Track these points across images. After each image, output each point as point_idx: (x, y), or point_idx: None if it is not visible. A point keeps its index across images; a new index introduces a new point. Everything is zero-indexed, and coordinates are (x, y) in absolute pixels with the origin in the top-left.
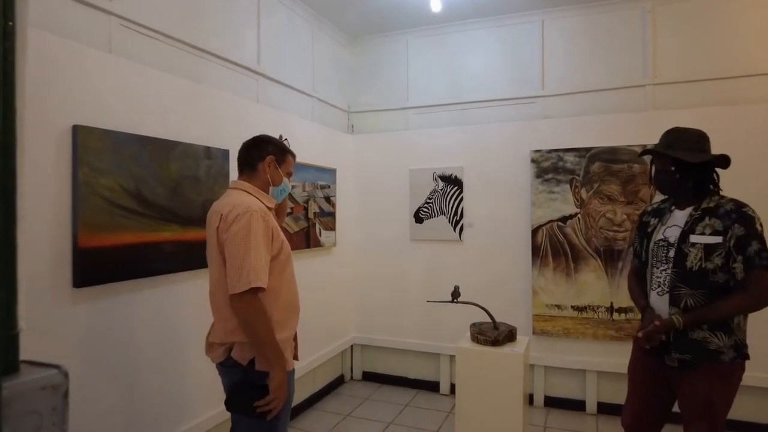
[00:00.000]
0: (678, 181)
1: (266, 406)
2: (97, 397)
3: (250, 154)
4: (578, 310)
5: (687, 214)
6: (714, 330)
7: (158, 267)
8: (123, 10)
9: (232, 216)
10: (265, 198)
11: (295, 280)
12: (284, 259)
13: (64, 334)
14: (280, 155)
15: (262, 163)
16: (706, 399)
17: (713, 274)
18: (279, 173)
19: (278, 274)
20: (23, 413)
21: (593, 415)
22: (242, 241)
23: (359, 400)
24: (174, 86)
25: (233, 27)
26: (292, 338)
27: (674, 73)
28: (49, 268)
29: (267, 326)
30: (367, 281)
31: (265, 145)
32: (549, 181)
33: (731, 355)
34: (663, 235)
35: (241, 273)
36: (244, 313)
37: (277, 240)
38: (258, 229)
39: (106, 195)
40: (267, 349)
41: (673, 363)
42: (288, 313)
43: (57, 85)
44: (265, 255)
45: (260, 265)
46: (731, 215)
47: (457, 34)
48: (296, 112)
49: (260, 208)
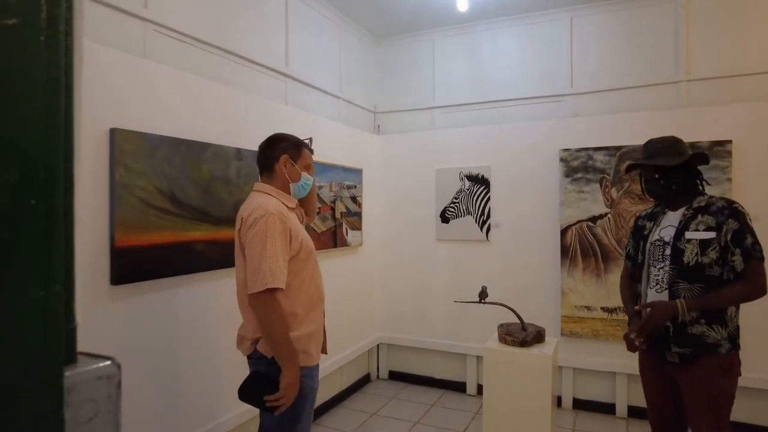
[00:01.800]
0: (664, 186)
1: (275, 401)
2: (134, 389)
3: (266, 155)
4: (608, 312)
5: (680, 214)
6: (711, 324)
7: (191, 265)
8: (157, 16)
9: (250, 219)
10: (286, 198)
11: (318, 275)
12: (304, 257)
13: (103, 330)
14: (294, 151)
15: (278, 163)
16: (707, 392)
17: (709, 267)
18: (296, 169)
19: (298, 272)
20: (82, 400)
21: (624, 418)
22: (259, 243)
23: (385, 399)
24: (205, 89)
25: (262, 30)
26: (319, 332)
27: (709, 69)
28: (89, 267)
29: (281, 325)
30: (394, 281)
31: (278, 144)
32: (578, 180)
33: (727, 347)
34: (659, 236)
35: (258, 274)
36: (260, 312)
37: (296, 240)
38: (275, 231)
39: (141, 196)
40: (280, 348)
41: (673, 359)
42: (310, 309)
43: (95, 90)
44: (282, 256)
45: (276, 267)
46: (723, 212)
47: (484, 32)
48: (323, 113)
49: (278, 210)
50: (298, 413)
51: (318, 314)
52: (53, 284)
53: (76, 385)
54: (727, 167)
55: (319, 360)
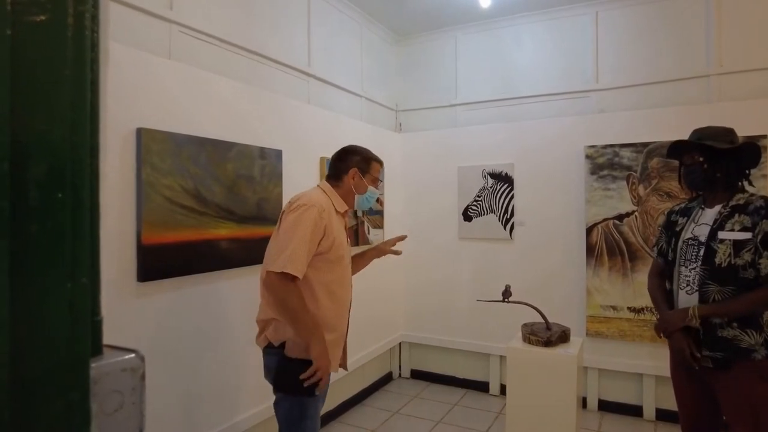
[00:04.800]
0: (707, 172)
1: (312, 378)
2: (158, 385)
3: (337, 167)
4: (635, 312)
5: (716, 212)
6: (744, 328)
7: (215, 263)
8: (182, 17)
9: (294, 205)
10: (338, 202)
11: (347, 283)
12: (333, 259)
13: (130, 325)
14: (364, 165)
15: (347, 175)
16: (746, 400)
17: (743, 270)
18: (363, 183)
19: (327, 271)
20: (108, 391)
21: (651, 421)
22: (291, 228)
23: (408, 397)
24: (229, 89)
25: (285, 30)
26: (338, 342)
27: (742, 62)
28: (116, 263)
29: (298, 302)
30: (416, 279)
31: (350, 157)
32: (604, 177)
33: (764, 353)
34: (692, 234)
35: (280, 255)
36: (275, 290)
37: (328, 238)
38: (308, 222)
39: (167, 194)
40: (299, 324)
41: (706, 363)
42: (332, 314)
43: (123, 91)
44: (307, 247)
45: (297, 255)
46: (760, 211)
47: (507, 28)
48: (345, 111)
49: (323, 206)
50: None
51: (340, 322)
52: (80, 277)
53: (102, 376)
54: (762, 163)
55: (333, 370)
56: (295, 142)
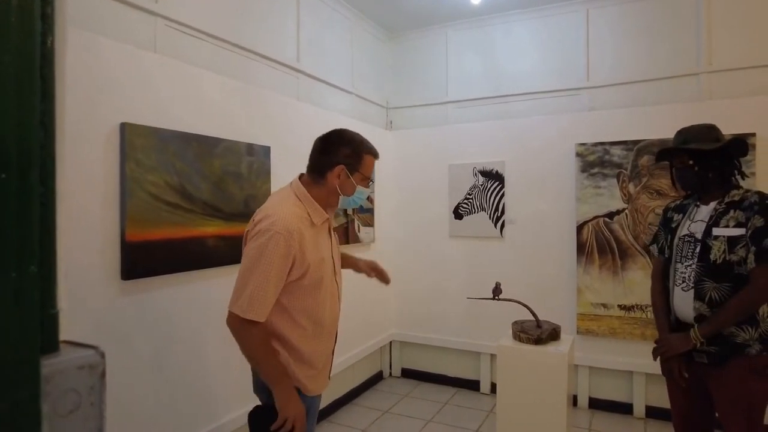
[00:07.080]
0: (699, 174)
1: (283, 429)
2: (141, 385)
3: (320, 161)
4: (625, 310)
5: (711, 208)
6: (740, 323)
7: (202, 261)
8: (167, 11)
9: (257, 228)
10: (315, 212)
11: (329, 306)
12: (310, 284)
13: (113, 323)
14: (355, 161)
15: (331, 173)
16: (739, 396)
17: (738, 266)
18: (351, 182)
19: (304, 297)
20: (63, 391)
21: (641, 419)
22: (253, 261)
23: (398, 396)
24: (217, 84)
25: (274, 25)
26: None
27: (731, 60)
28: (99, 261)
29: (260, 348)
30: (406, 277)
31: (338, 150)
32: (595, 175)
33: (758, 348)
34: (688, 230)
35: (239, 295)
36: (235, 332)
37: (300, 266)
38: (272, 255)
39: (151, 190)
40: (262, 371)
41: (701, 359)
42: (321, 337)
43: (106, 85)
44: (274, 283)
45: (259, 297)
46: (753, 207)
47: (498, 26)
48: (335, 108)
49: (292, 228)
50: None
51: (325, 345)
52: (27, 265)
53: (55, 374)
54: (750, 161)
55: (315, 393)
56: (283, 139)
